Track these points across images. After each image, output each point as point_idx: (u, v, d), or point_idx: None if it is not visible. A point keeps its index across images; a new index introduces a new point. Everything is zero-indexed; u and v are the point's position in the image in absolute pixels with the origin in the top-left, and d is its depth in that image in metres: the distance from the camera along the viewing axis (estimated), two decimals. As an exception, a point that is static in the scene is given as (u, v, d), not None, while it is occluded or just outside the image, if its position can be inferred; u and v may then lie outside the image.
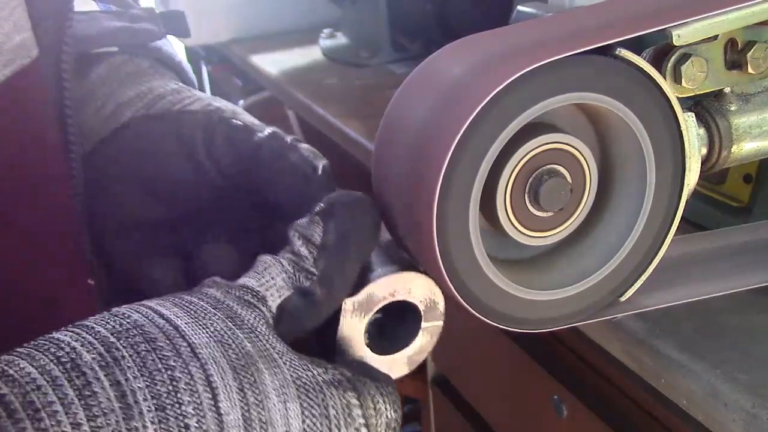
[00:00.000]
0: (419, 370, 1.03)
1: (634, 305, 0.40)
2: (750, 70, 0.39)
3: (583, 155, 0.36)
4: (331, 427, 0.31)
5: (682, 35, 0.35)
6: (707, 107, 0.41)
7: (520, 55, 0.33)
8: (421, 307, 0.36)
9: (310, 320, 0.33)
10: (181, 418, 0.27)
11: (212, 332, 0.30)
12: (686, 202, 0.38)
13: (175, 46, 0.54)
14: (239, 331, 0.30)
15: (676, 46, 0.36)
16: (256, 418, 0.29)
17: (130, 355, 0.27)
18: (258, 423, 0.29)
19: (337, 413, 0.31)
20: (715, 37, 0.38)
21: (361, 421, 0.31)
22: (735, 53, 0.39)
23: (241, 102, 1.50)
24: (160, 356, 0.28)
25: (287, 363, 0.30)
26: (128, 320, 0.29)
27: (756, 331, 0.49)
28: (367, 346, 0.36)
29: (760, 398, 0.43)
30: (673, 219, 0.38)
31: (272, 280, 0.33)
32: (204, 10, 1.42)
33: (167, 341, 0.28)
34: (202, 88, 1.92)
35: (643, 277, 0.39)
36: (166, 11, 0.53)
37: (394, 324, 0.37)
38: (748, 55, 0.38)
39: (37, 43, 0.39)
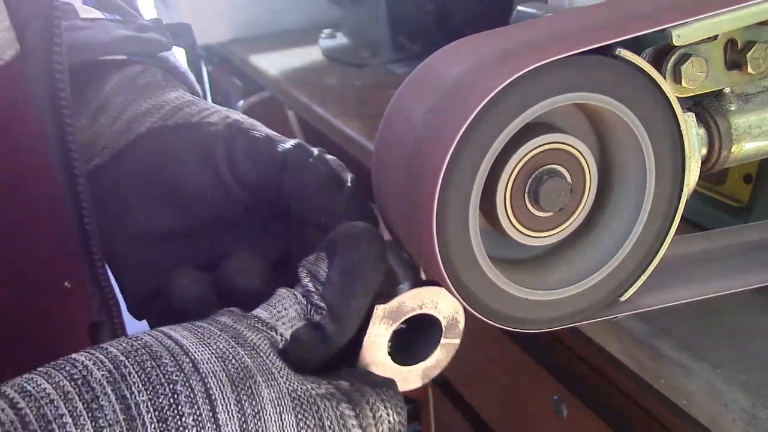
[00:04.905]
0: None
1: (634, 305, 0.40)
2: (750, 70, 0.38)
3: (583, 155, 0.36)
4: None
5: (682, 35, 0.35)
6: (707, 107, 0.41)
7: (521, 54, 0.33)
8: (444, 323, 0.37)
9: (321, 352, 0.34)
10: (181, 429, 0.29)
11: (215, 349, 0.32)
12: (686, 202, 0.38)
13: (175, 50, 0.54)
14: (241, 348, 0.32)
15: (676, 46, 0.36)
16: (252, 428, 0.30)
17: (136, 372, 0.30)
18: None
19: (331, 423, 0.32)
20: (715, 37, 0.38)
21: (358, 430, 0.33)
22: (735, 53, 0.39)
23: (241, 102, 1.50)
24: (164, 372, 0.30)
25: (284, 377, 0.32)
26: (139, 342, 0.31)
27: (756, 331, 0.49)
28: (389, 355, 0.37)
29: (760, 398, 0.43)
30: (673, 219, 0.38)
31: (284, 311, 0.34)
32: (204, 10, 1.43)
33: (171, 358, 0.30)
34: (202, 89, 1.92)
35: (643, 277, 0.39)
36: (173, 23, 0.54)
37: (413, 337, 0.38)
38: (748, 55, 0.38)
39: (23, 45, 0.40)
